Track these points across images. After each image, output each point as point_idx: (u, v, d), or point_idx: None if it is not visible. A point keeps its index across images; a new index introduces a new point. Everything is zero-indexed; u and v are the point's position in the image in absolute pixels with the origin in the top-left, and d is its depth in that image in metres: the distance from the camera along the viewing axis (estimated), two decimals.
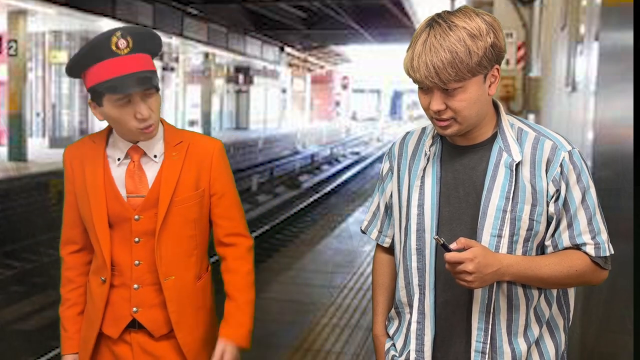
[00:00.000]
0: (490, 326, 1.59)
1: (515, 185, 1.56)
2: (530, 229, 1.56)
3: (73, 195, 1.97)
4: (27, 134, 15.76)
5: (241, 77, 31.64)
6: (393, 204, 1.76)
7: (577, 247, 1.57)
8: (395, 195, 1.74)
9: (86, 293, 2.03)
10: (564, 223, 1.57)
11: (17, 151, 15.05)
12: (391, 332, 1.77)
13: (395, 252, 1.76)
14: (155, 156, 1.92)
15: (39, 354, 4.94)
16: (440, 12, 1.54)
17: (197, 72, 27.11)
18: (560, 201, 1.56)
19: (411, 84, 1.57)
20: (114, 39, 1.77)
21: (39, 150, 16.54)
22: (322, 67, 45.47)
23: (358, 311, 5.08)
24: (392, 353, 1.75)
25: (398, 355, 1.72)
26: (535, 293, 1.61)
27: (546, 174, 1.56)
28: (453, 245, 1.48)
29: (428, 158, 1.66)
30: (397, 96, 69.64)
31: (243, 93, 32.51)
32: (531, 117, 8.93)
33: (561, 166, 1.56)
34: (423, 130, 1.74)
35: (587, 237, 1.56)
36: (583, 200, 1.56)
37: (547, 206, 1.56)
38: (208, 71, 25.91)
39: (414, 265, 1.65)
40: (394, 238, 1.76)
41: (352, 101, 60.58)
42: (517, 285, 1.59)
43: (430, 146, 1.67)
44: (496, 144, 1.60)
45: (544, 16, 8.84)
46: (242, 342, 1.97)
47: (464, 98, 1.51)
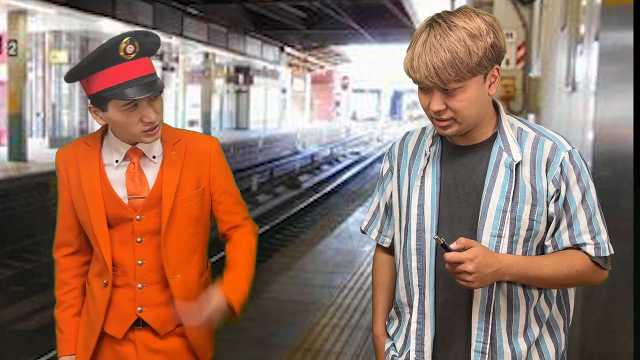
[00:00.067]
0: (490, 326, 1.59)
1: (515, 185, 1.56)
2: (530, 229, 1.56)
3: (68, 199, 1.96)
4: (27, 134, 15.75)
5: (241, 77, 31.62)
6: (393, 204, 1.76)
7: (577, 247, 1.57)
8: (395, 195, 1.74)
9: (82, 295, 2.03)
10: (564, 223, 1.57)
11: (17, 151, 15.04)
12: (391, 332, 1.77)
13: (395, 252, 1.76)
14: (154, 157, 1.92)
15: (39, 354, 4.94)
16: (440, 12, 1.54)
17: (197, 72, 27.09)
18: (560, 201, 1.56)
19: (411, 84, 1.57)
20: (123, 45, 1.76)
21: (39, 150, 16.53)
22: (322, 67, 45.45)
23: (358, 311, 5.07)
24: (392, 353, 1.75)
25: (398, 355, 1.72)
26: (535, 293, 1.61)
27: (546, 174, 1.56)
28: (453, 245, 1.48)
29: (428, 158, 1.66)
30: (397, 96, 69.62)
31: (243, 93, 32.49)
32: (531, 117, 8.93)
33: (561, 166, 1.56)
34: (423, 130, 1.74)
35: (587, 237, 1.56)
36: (583, 200, 1.56)
37: (547, 206, 1.56)
38: (208, 71, 25.91)
39: (414, 265, 1.65)
40: (394, 238, 1.77)
41: (352, 101, 60.56)
42: (517, 285, 1.59)
43: (430, 146, 1.67)
44: (496, 144, 1.60)
45: (544, 16, 8.84)
46: (236, 305, 1.90)
47: (464, 98, 1.51)
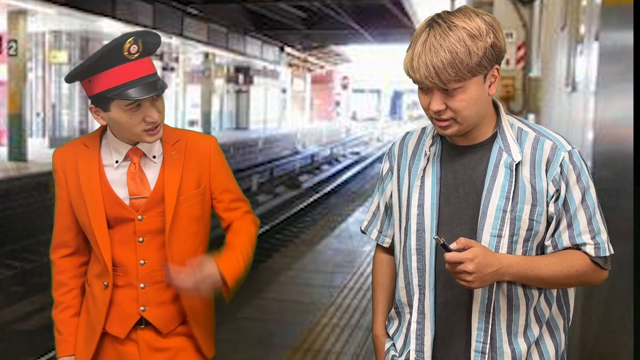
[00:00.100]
0: (490, 326, 1.59)
1: (515, 185, 1.56)
2: (530, 229, 1.56)
3: (65, 199, 1.96)
4: (27, 134, 15.77)
5: (241, 77, 31.64)
6: (393, 204, 1.76)
7: (577, 247, 1.57)
8: (395, 195, 1.74)
9: (80, 295, 2.03)
10: (564, 223, 1.57)
11: (17, 151, 15.05)
12: (391, 332, 1.77)
13: (395, 252, 1.76)
14: (154, 156, 1.92)
15: (39, 354, 4.94)
16: (440, 12, 1.54)
17: (197, 72, 27.10)
18: (560, 201, 1.56)
19: (411, 84, 1.57)
20: (127, 45, 1.76)
21: (39, 150, 16.54)
22: (322, 67, 45.45)
23: (358, 311, 5.07)
24: (392, 353, 1.75)
25: (398, 355, 1.72)
26: (535, 293, 1.61)
27: (546, 174, 1.56)
28: (453, 245, 1.48)
29: (428, 158, 1.66)
30: (397, 96, 69.61)
31: (243, 93, 32.50)
32: (531, 117, 8.93)
33: (561, 166, 1.56)
34: (423, 130, 1.74)
35: (587, 237, 1.56)
36: (583, 200, 1.56)
37: (547, 206, 1.56)
38: (208, 71, 25.92)
39: (414, 265, 1.65)
40: (394, 238, 1.76)
41: (352, 101, 60.56)
42: (517, 285, 1.59)
43: (430, 146, 1.67)
44: (496, 144, 1.60)
45: (544, 16, 8.84)
46: (229, 279, 1.88)
47: (464, 98, 1.51)
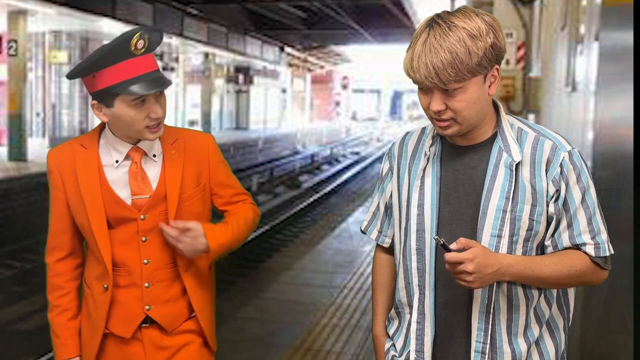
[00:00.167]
0: (490, 326, 1.59)
1: (515, 185, 1.56)
2: (530, 229, 1.56)
3: (62, 201, 1.93)
4: (27, 134, 15.77)
5: (241, 77, 31.61)
6: (393, 204, 1.76)
7: (577, 247, 1.57)
8: (395, 195, 1.74)
9: (76, 298, 2.01)
10: (564, 223, 1.57)
11: (17, 151, 15.05)
12: (391, 332, 1.78)
13: (395, 252, 1.76)
14: (154, 155, 1.92)
15: (39, 354, 4.94)
16: (440, 13, 1.54)
17: (197, 72, 27.09)
18: (560, 201, 1.56)
19: (411, 84, 1.57)
20: (135, 40, 1.76)
21: (39, 150, 16.51)
22: (322, 67, 45.44)
23: (358, 311, 5.07)
24: (392, 353, 1.75)
25: (398, 355, 1.72)
26: (535, 293, 1.61)
27: (546, 174, 1.56)
28: (453, 245, 1.48)
29: (428, 158, 1.66)
30: (397, 96, 69.58)
31: (243, 93, 32.48)
32: (531, 117, 8.92)
33: (561, 166, 1.56)
34: (423, 130, 1.74)
35: (587, 237, 1.56)
36: (583, 200, 1.56)
37: (547, 206, 1.56)
38: (208, 71, 25.91)
39: (414, 265, 1.65)
40: (394, 238, 1.77)
41: (352, 101, 60.54)
42: (517, 285, 1.59)
43: (430, 146, 1.67)
44: (496, 144, 1.60)
45: (544, 16, 8.83)
46: (211, 242, 1.87)
47: (464, 98, 1.52)
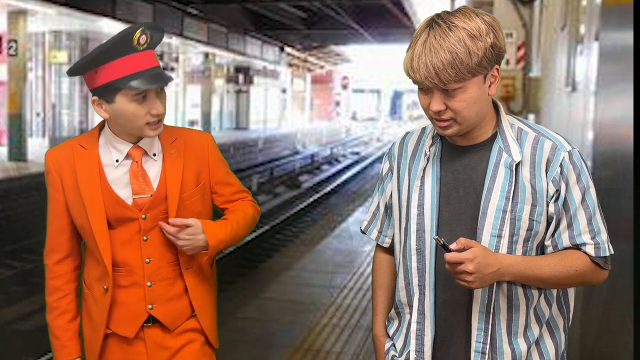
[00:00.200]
0: (490, 326, 1.59)
1: (515, 185, 1.56)
2: (530, 229, 1.56)
3: (60, 202, 1.92)
4: (27, 134, 15.74)
5: (241, 77, 31.59)
6: (393, 204, 1.76)
7: (577, 247, 1.57)
8: (395, 195, 1.74)
9: (75, 300, 2.00)
10: (564, 223, 1.57)
11: (17, 151, 15.03)
12: (391, 332, 1.78)
13: (395, 252, 1.76)
14: (154, 154, 1.92)
15: (39, 354, 4.94)
16: (439, 13, 1.54)
17: (197, 72, 27.07)
18: (560, 201, 1.56)
19: (411, 84, 1.57)
20: (138, 34, 1.77)
21: (39, 150, 16.48)
22: (322, 67, 45.42)
23: (358, 311, 5.07)
24: (392, 353, 1.75)
25: (398, 355, 1.72)
26: (535, 293, 1.61)
27: (546, 174, 1.56)
28: (453, 245, 1.48)
29: (428, 158, 1.66)
30: (397, 96, 69.56)
31: (243, 93, 32.45)
32: (531, 117, 8.92)
33: (561, 166, 1.56)
34: (423, 130, 1.74)
35: (587, 237, 1.56)
36: (583, 200, 1.56)
37: (547, 206, 1.56)
38: (208, 71, 25.90)
39: (414, 265, 1.65)
40: (394, 238, 1.77)
41: (352, 101, 60.51)
42: (517, 285, 1.59)
43: (430, 146, 1.67)
44: (496, 144, 1.60)
45: (544, 16, 8.83)
46: (210, 237, 1.89)
47: (464, 98, 1.52)
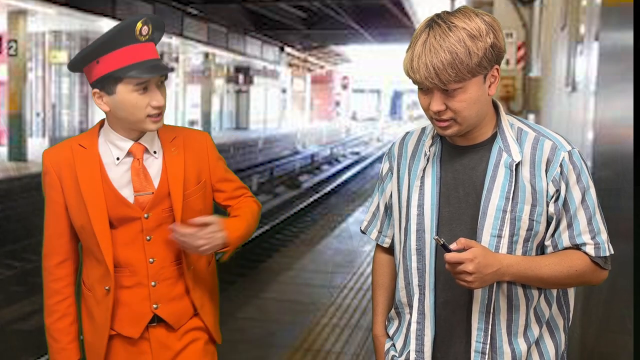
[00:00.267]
0: (490, 326, 1.59)
1: (515, 185, 1.56)
2: (530, 229, 1.56)
3: (59, 203, 1.90)
4: (27, 134, 15.74)
5: (241, 77, 31.59)
6: (393, 204, 1.76)
7: (577, 247, 1.57)
8: (395, 195, 1.74)
9: (74, 303, 1.99)
10: (564, 223, 1.57)
11: (17, 151, 15.04)
12: (391, 332, 1.78)
13: (395, 253, 1.76)
14: (155, 152, 1.92)
15: (39, 354, 4.94)
16: (439, 13, 1.54)
17: (197, 72, 27.07)
18: (560, 201, 1.56)
19: (411, 84, 1.57)
20: (139, 25, 1.77)
21: (39, 150, 16.45)
22: (322, 67, 45.42)
23: (358, 311, 5.07)
24: (392, 353, 1.75)
25: (398, 355, 1.72)
26: (535, 293, 1.61)
27: (546, 174, 1.56)
28: (453, 245, 1.48)
29: (428, 158, 1.66)
30: (397, 96, 69.56)
31: (243, 93, 32.46)
32: (531, 117, 8.92)
33: (561, 166, 1.56)
34: (423, 130, 1.74)
35: (587, 237, 1.56)
36: (583, 200, 1.56)
37: (547, 206, 1.56)
38: (208, 71, 25.91)
39: (414, 265, 1.65)
40: (394, 238, 1.77)
41: (352, 101, 60.51)
42: (517, 285, 1.59)
43: (430, 146, 1.67)
44: (496, 144, 1.60)
45: (544, 16, 8.83)
46: (230, 235, 1.88)
47: (464, 98, 1.52)
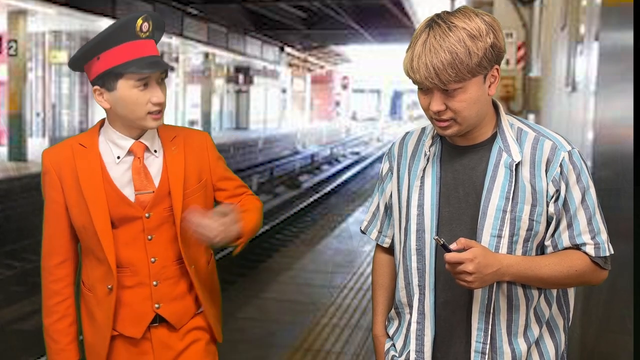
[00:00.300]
0: (490, 326, 1.59)
1: (515, 185, 1.56)
2: (530, 229, 1.56)
3: (59, 203, 1.90)
4: (27, 134, 15.72)
5: (241, 77, 31.58)
6: (393, 204, 1.76)
7: (577, 247, 1.57)
8: (395, 195, 1.74)
9: (73, 304, 1.99)
10: (564, 223, 1.57)
11: (17, 151, 15.02)
12: (391, 333, 1.78)
13: (395, 253, 1.76)
14: (155, 151, 1.92)
15: (39, 354, 4.94)
16: (439, 13, 1.54)
17: (197, 72, 27.06)
18: (560, 201, 1.56)
19: (411, 84, 1.57)
20: (140, 22, 1.78)
21: (39, 150, 16.40)
22: (322, 67, 45.41)
23: (358, 311, 5.07)
24: (392, 353, 1.75)
25: (398, 355, 1.72)
26: (535, 293, 1.61)
27: (546, 174, 1.56)
28: (453, 245, 1.48)
29: (428, 158, 1.66)
30: (397, 96, 69.55)
31: (243, 93, 32.44)
32: (531, 117, 8.92)
33: (561, 166, 1.56)
34: (423, 130, 1.74)
35: (587, 237, 1.56)
36: (583, 200, 1.56)
37: (547, 206, 1.56)
38: (208, 71, 25.89)
39: (414, 265, 1.65)
40: (394, 238, 1.77)
41: (352, 101, 60.49)
42: (517, 285, 1.59)
43: (430, 146, 1.67)
44: (496, 144, 1.60)
45: (544, 16, 8.83)
46: (245, 231, 1.90)
47: (464, 98, 1.52)
